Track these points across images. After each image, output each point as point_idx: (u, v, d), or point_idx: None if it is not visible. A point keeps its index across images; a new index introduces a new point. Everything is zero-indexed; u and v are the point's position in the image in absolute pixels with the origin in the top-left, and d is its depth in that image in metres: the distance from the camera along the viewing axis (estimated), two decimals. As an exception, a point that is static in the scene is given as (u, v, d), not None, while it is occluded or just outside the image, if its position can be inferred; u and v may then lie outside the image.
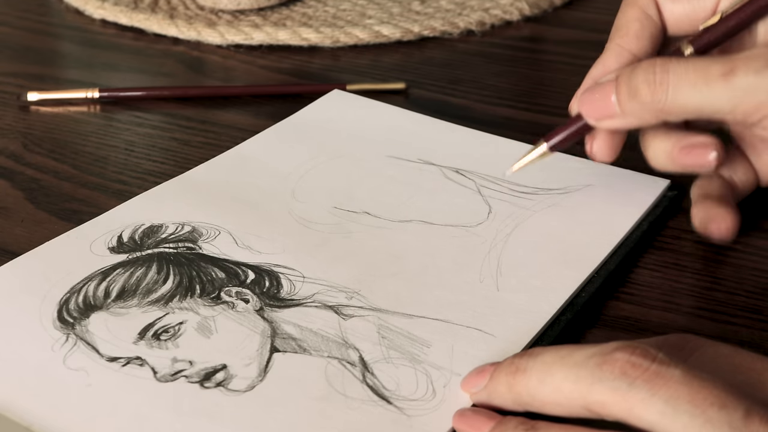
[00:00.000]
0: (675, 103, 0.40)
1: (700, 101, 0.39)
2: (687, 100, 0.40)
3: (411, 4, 0.74)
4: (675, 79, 0.40)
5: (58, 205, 0.49)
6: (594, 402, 0.30)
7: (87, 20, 0.74)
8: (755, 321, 0.41)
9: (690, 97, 0.39)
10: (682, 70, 0.40)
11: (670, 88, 0.40)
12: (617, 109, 0.41)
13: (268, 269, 0.42)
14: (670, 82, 0.40)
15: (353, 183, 0.49)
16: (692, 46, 0.43)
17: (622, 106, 0.41)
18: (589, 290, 0.42)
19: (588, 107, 0.43)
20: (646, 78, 0.40)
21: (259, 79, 0.65)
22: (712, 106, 0.39)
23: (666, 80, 0.40)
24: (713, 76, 0.39)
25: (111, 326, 0.39)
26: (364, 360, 0.37)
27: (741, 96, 0.39)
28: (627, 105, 0.41)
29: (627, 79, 0.41)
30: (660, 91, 0.40)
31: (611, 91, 0.42)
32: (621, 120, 0.42)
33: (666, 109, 0.40)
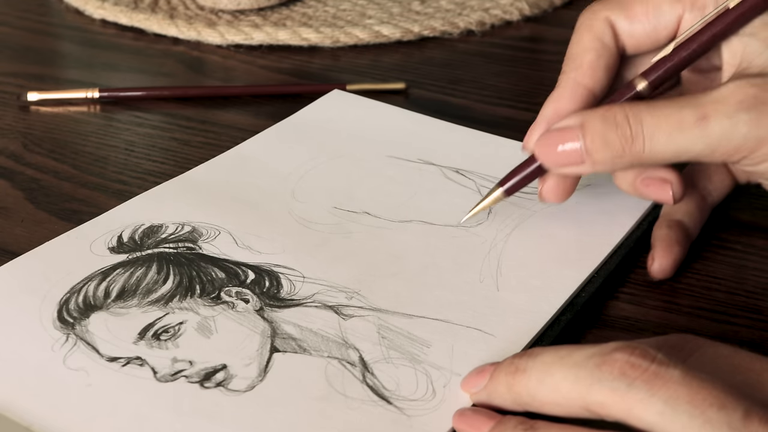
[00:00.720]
0: (651, 154, 0.39)
1: (676, 149, 0.38)
2: (664, 150, 0.38)
3: (411, 4, 0.74)
4: (649, 132, 0.38)
5: (58, 205, 0.49)
6: (593, 402, 0.30)
7: (87, 20, 0.74)
8: (755, 321, 0.41)
9: (667, 146, 0.38)
10: (655, 121, 0.38)
11: (646, 141, 0.38)
12: (585, 158, 0.40)
13: (268, 269, 0.42)
14: (645, 134, 0.38)
15: (353, 183, 0.49)
16: (645, 80, 0.41)
17: (593, 156, 0.39)
18: (589, 290, 0.42)
19: (548, 153, 0.41)
20: (620, 132, 0.39)
21: (259, 79, 0.65)
22: (690, 153, 0.38)
23: (640, 133, 0.38)
24: (687, 124, 0.38)
25: (111, 326, 0.39)
26: (364, 360, 0.37)
27: (717, 141, 0.38)
28: (598, 155, 0.39)
29: (597, 131, 0.39)
30: (636, 145, 0.38)
31: (575, 138, 0.40)
32: (589, 167, 0.40)
33: (642, 159, 0.39)
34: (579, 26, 0.43)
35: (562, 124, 0.40)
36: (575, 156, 0.40)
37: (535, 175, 0.43)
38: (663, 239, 0.44)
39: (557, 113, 0.42)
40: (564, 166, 0.40)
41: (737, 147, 0.37)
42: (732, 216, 0.48)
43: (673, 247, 0.44)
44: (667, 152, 0.38)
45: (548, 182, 0.43)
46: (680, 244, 0.44)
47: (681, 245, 0.44)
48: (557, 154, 0.40)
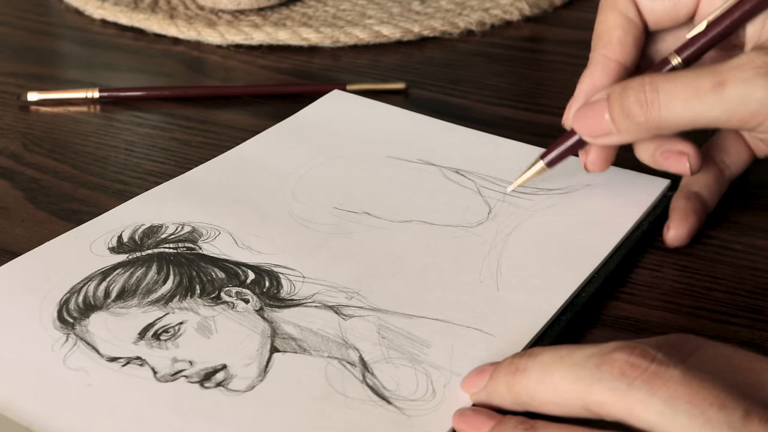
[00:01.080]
0: (668, 120, 0.40)
1: (693, 115, 0.40)
2: (680, 116, 0.40)
3: (411, 4, 0.74)
4: (665, 98, 0.40)
5: (58, 205, 0.49)
6: (593, 402, 0.30)
7: (87, 20, 0.74)
8: (755, 321, 0.41)
9: (682, 112, 0.40)
10: (672, 87, 0.40)
11: (662, 107, 0.40)
12: (612, 128, 0.42)
13: (268, 269, 0.42)
14: (661, 100, 0.40)
15: (353, 183, 0.49)
16: (679, 57, 0.43)
17: (617, 124, 0.42)
18: (589, 290, 0.42)
19: (583, 126, 0.43)
20: (637, 98, 0.41)
21: (259, 79, 0.65)
22: (706, 119, 0.40)
23: (657, 99, 0.40)
24: (704, 90, 0.39)
25: (111, 326, 0.39)
26: (364, 360, 0.37)
27: (734, 107, 0.39)
28: (621, 124, 0.42)
29: (619, 99, 0.41)
30: (653, 110, 0.40)
31: (604, 109, 0.42)
32: (616, 137, 0.42)
33: (660, 125, 0.41)
34: (603, 6, 0.46)
35: (595, 98, 0.43)
36: (605, 126, 0.42)
37: (575, 148, 0.46)
38: (680, 209, 0.46)
39: (593, 87, 0.44)
40: (598, 136, 0.43)
41: (753, 112, 0.39)
42: (732, 216, 0.48)
43: (689, 217, 0.45)
44: (683, 118, 0.40)
45: (591, 154, 0.45)
46: (696, 214, 0.46)
47: (697, 215, 0.46)
48: (591, 126, 0.43)
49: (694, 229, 0.45)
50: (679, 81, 0.40)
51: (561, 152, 0.46)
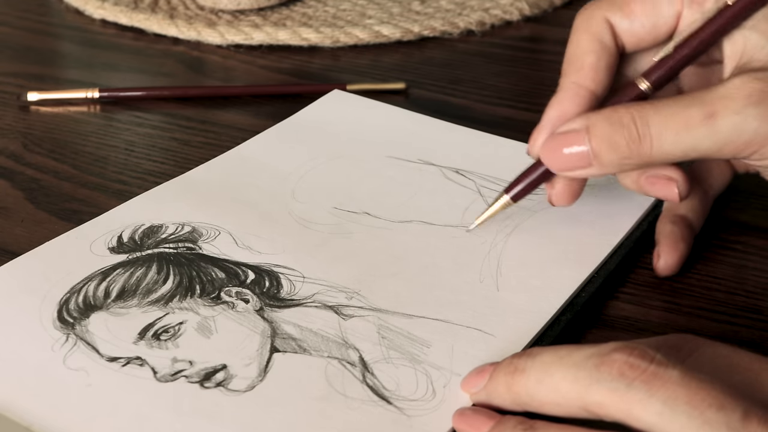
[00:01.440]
0: (659, 154, 0.38)
1: (684, 148, 0.38)
2: (672, 150, 0.38)
3: (411, 4, 0.74)
4: (656, 132, 0.38)
5: (58, 205, 0.49)
6: (592, 402, 0.30)
7: (87, 20, 0.74)
8: (755, 321, 0.41)
9: (674, 146, 0.38)
10: (662, 120, 0.38)
11: (654, 141, 0.38)
12: (593, 161, 0.39)
13: (268, 269, 0.42)
14: (652, 135, 0.38)
15: (353, 183, 0.49)
16: (648, 81, 0.41)
17: (601, 158, 0.39)
18: (589, 290, 0.42)
19: (554, 159, 0.41)
20: (627, 134, 0.38)
21: (259, 79, 0.65)
22: (698, 151, 0.38)
23: (648, 133, 0.38)
24: (694, 123, 0.38)
25: (111, 326, 0.39)
26: (364, 360, 0.37)
27: (727, 138, 0.37)
28: (606, 158, 0.39)
29: (604, 133, 0.39)
30: (644, 145, 0.38)
31: (581, 141, 0.39)
32: (596, 170, 0.40)
33: (651, 160, 0.39)
34: (576, 28, 0.43)
35: (567, 128, 0.40)
36: (582, 159, 0.40)
37: (541, 179, 0.43)
38: (668, 236, 0.44)
39: (561, 117, 0.41)
40: (571, 169, 0.40)
41: (747, 142, 0.37)
42: (732, 216, 0.48)
43: (679, 244, 0.44)
44: (675, 152, 0.38)
45: (556, 187, 0.43)
46: (685, 241, 0.44)
47: (686, 241, 0.44)
48: (564, 158, 0.40)
49: (684, 256, 0.44)
50: (669, 113, 0.38)
51: (527, 185, 0.43)
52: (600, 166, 0.39)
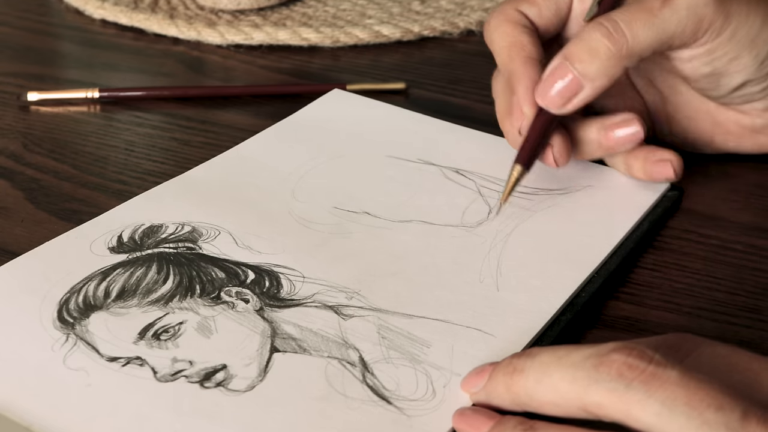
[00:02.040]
0: (635, 43, 0.43)
1: (654, 33, 0.43)
2: (645, 37, 0.43)
3: (411, 4, 0.74)
4: (626, 24, 0.43)
5: (58, 205, 0.49)
6: (591, 403, 0.30)
7: (87, 20, 0.74)
8: (755, 321, 0.41)
9: (646, 33, 0.43)
10: (628, 16, 0.43)
11: (627, 32, 0.43)
12: (582, 81, 0.43)
13: (268, 269, 0.42)
14: (624, 27, 0.43)
15: (353, 183, 0.49)
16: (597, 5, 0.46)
17: (587, 73, 0.43)
18: (589, 290, 0.42)
19: (551, 97, 0.44)
20: (603, 33, 0.43)
21: (259, 79, 0.65)
22: (666, 33, 0.43)
23: (620, 27, 0.43)
24: (656, 8, 0.43)
25: (111, 326, 0.39)
26: (364, 360, 0.37)
27: (686, 15, 0.43)
28: (591, 69, 0.43)
29: (581, 46, 0.43)
30: (620, 38, 0.43)
31: (566, 70, 0.44)
32: (590, 89, 0.44)
33: (629, 52, 0.43)
34: (497, 24, 0.48)
35: (550, 68, 0.45)
36: (574, 84, 0.44)
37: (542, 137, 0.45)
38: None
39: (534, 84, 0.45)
40: (568, 99, 0.44)
41: (701, 16, 0.43)
42: (732, 216, 0.48)
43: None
44: (648, 39, 0.43)
45: (555, 147, 0.46)
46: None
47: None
48: (558, 93, 0.44)
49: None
50: (632, 9, 0.43)
51: (532, 148, 0.45)
52: (591, 82, 0.43)
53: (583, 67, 0.43)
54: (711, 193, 0.50)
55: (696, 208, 0.49)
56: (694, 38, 0.44)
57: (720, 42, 0.45)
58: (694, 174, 0.51)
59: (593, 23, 0.44)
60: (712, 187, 0.51)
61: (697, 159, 0.52)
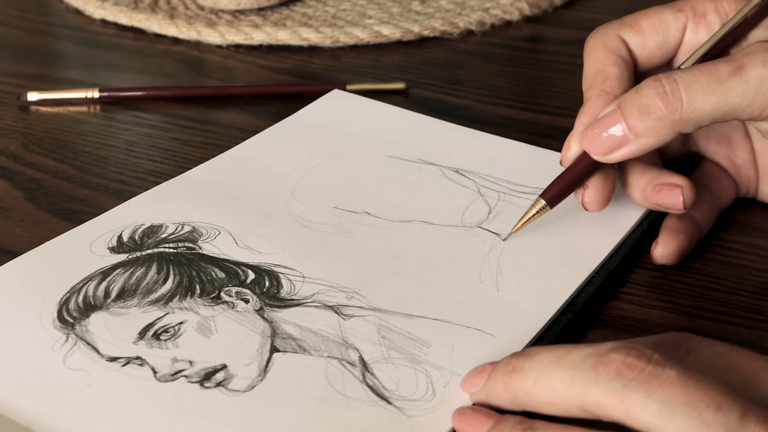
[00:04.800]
0: (691, 110, 0.39)
1: (715, 103, 0.39)
2: (703, 105, 0.39)
3: (411, 4, 0.74)
4: (686, 87, 0.39)
5: (58, 205, 0.49)
6: (590, 403, 0.30)
7: (87, 20, 0.74)
8: (755, 321, 0.41)
9: (705, 100, 0.39)
10: (691, 77, 0.39)
11: (684, 96, 0.39)
12: (629, 135, 0.41)
13: (268, 269, 0.42)
14: (682, 90, 0.39)
15: (353, 183, 0.49)
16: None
17: (635, 129, 0.40)
18: (589, 290, 0.42)
19: (595, 143, 0.42)
20: (657, 92, 0.40)
21: (259, 79, 0.65)
22: (728, 105, 0.39)
23: (678, 89, 0.39)
24: (724, 76, 0.39)
25: (111, 326, 0.39)
26: (364, 360, 0.37)
27: (755, 89, 0.39)
28: (640, 126, 0.40)
29: (634, 100, 0.40)
30: (675, 101, 0.39)
31: (616, 119, 0.41)
32: (635, 145, 0.41)
33: (683, 118, 0.40)
34: (593, 46, 0.45)
35: (603, 113, 0.42)
36: (620, 136, 0.41)
37: (576, 181, 0.43)
38: (670, 226, 0.44)
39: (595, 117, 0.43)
40: (611, 150, 0.41)
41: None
42: (732, 216, 0.48)
43: (680, 234, 0.44)
44: (706, 108, 0.39)
45: (589, 190, 0.44)
46: (687, 234, 0.44)
47: (688, 234, 0.44)
48: (603, 141, 0.41)
49: (684, 248, 0.44)
50: (698, 71, 0.40)
51: (563, 188, 0.43)
52: (636, 138, 0.41)
53: (633, 122, 0.40)
54: (711, 193, 0.50)
55: (696, 208, 0.49)
56: (764, 113, 0.40)
57: None
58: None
59: (652, 79, 0.40)
60: (712, 187, 0.51)
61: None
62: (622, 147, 0.41)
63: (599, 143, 0.41)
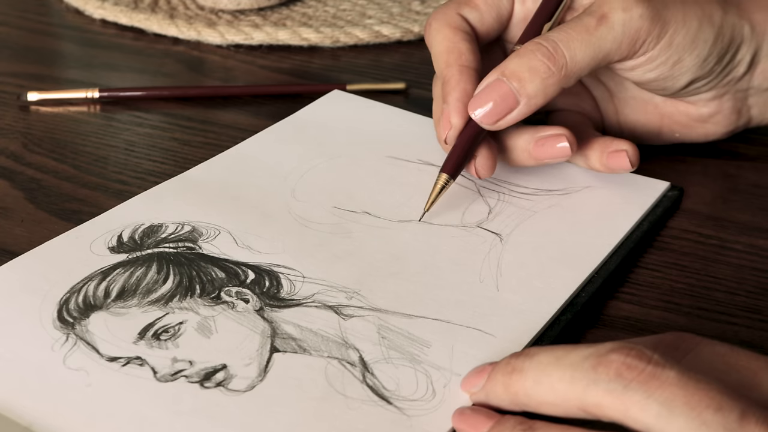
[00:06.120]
0: (574, 63, 0.43)
1: (592, 53, 0.43)
2: (583, 56, 0.43)
3: (411, 4, 0.74)
4: (565, 44, 0.43)
5: (58, 205, 0.49)
6: (589, 404, 0.30)
7: (87, 20, 0.74)
8: (755, 321, 0.41)
9: (584, 52, 0.43)
10: (566, 35, 0.43)
11: (566, 52, 0.43)
12: (520, 98, 0.43)
13: (268, 269, 0.42)
14: (563, 48, 0.43)
15: (353, 183, 0.49)
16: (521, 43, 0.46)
17: (526, 91, 0.43)
18: (589, 290, 0.42)
19: (485, 114, 0.44)
20: (543, 53, 0.43)
21: (259, 79, 0.65)
22: (602, 52, 0.44)
23: (559, 48, 0.43)
24: (592, 26, 0.44)
25: (111, 326, 0.39)
26: (364, 360, 0.37)
27: (621, 32, 0.44)
28: (530, 87, 0.43)
29: (521, 65, 0.43)
30: (560, 59, 0.43)
31: (503, 86, 0.43)
32: (525, 107, 0.44)
33: (568, 73, 0.43)
34: (438, 27, 0.48)
35: (484, 84, 0.44)
36: (510, 100, 0.44)
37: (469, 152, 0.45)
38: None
39: (467, 93, 0.45)
40: (503, 115, 0.44)
41: (637, 30, 0.44)
42: (732, 216, 0.48)
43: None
44: (586, 57, 0.44)
45: (478, 159, 0.46)
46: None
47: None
48: (492, 110, 0.44)
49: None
50: (569, 28, 0.44)
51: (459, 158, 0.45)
52: (527, 99, 0.43)
53: (522, 85, 0.43)
54: (711, 193, 0.50)
55: (696, 208, 0.49)
56: (632, 51, 0.45)
57: (660, 49, 0.45)
58: (694, 174, 0.51)
59: (532, 42, 0.44)
60: (712, 187, 0.51)
61: (697, 159, 0.52)
62: (511, 111, 0.44)
63: (488, 112, 0.44)
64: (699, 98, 0.49)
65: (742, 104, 0.50)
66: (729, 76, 0.48)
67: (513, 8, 0.49)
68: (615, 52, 0.44)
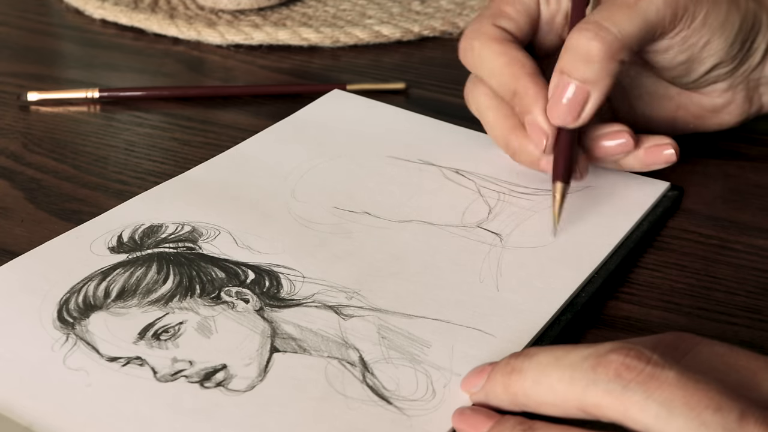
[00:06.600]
0: (625, 36, 0.43)
1: (638, 24, 0.44)
2: (631, 27, 0.43)
3: (411, 4, 0.74)
4: (609, 22, 0.43)
5: (58, 205, 0.49)
6: (589, 404, 0.30)
7: (87, 20, 0.74)
8: (755, 321, 0.41)
9: (631, 23, 0.43)
10: (607, 14, 0.43)
11: (612, 28, 0.43)
12: (587, 88, 0.43)
13: (268, 269, 0.42)
14: (608, 25, 0.43)
15: (353, 183, 0.49)
16: None
17: (587, 78, 0.43)
18: (589, 290, 0.42)
19: (563, 115, 0.44)
20: (588, 36, 0.43)
21: (259, 79, 0.65)
22: (648, 21, 0.44)
23: (603, 26, 0.43)
24: (632, 2, 0.44)
25: (111, 326, 0.39)
26: (364, 360, 0.37)
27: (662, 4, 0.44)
28: (590, 73, 0.43)
29: (574, 56, 0.43)
30: (607, 35, 0.43)
31: (568, 82, 0.44)
32: (597, 93, 0.44)
33: (621, 46, 0.43)
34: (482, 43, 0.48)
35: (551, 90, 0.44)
36: (580, 94, 0.44)
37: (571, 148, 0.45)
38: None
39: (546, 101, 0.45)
40: (579, 109, 0.44)
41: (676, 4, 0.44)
42: (732, 216, 0.48)
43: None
44: (634, 27, 0.44)
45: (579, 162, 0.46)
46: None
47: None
48: (568, 108, 0.44)
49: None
50: (607, 9, 0.44)
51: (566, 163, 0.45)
52: (594, 85, 0.43)
53: (582, 74, 0.43)
54: (711, 193, 0.50)
55: (696, 208, 0.49)
56: (672, 26, 0.45)
57: (694, 28, 0.45)
58: (694, 174, 0.51)
59: (575, 30, 0.44)
60: (712, 187, 0.51)
61: (697, 159, 0.52)
62: (587, 102, 0.44)
63: (566, 113, 0.44)
64: (713, 89, 0.50)
65: (754, 93, 0.50)
66: (745, 65, 0.48)
67: (540, 10, 0.49)
68: (659, 24, 0.44)
